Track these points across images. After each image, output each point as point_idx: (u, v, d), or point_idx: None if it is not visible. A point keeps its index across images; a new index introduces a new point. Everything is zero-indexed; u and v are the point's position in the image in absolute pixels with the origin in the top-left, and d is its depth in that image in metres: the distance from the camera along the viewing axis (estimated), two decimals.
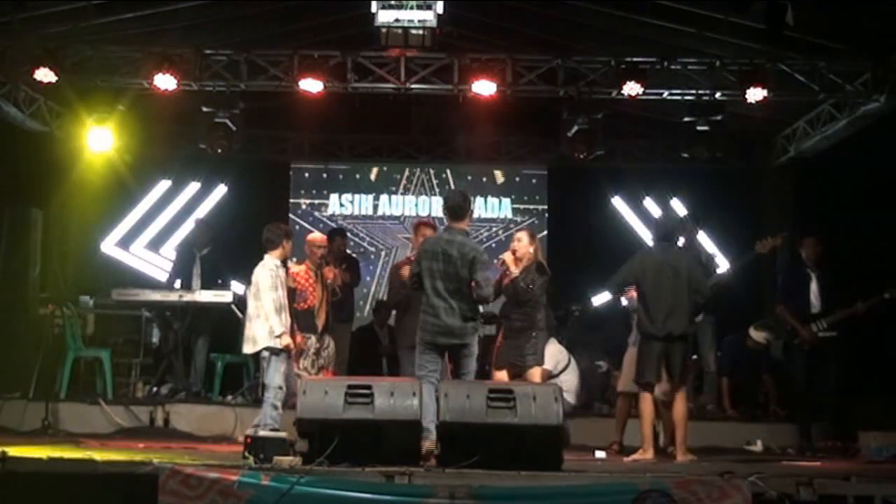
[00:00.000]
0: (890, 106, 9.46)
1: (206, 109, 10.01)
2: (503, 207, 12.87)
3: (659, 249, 7.65)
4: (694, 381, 8.83)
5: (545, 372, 8.61)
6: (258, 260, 7.41)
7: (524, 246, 7.44)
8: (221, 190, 12.51)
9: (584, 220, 12.40)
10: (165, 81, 9.42)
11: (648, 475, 5.51)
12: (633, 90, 9.47)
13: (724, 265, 9.96)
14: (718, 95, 9.77)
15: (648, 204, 12.43)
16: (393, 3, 9.25)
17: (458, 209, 6.95)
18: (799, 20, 8.37)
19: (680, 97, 9.91)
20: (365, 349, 10.49)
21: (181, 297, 9.46)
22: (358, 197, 12.89)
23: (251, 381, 9.34)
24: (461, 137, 12.63)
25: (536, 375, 7.33)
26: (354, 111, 11.61)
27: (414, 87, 9.86)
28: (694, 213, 10.59)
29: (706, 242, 10.96)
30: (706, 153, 10.11)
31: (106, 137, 10.38)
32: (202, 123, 10.14)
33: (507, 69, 9.66)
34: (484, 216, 12.81)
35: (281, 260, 7.43)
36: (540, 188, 12.88)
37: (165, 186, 12.48)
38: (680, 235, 7.94)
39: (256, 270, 7.34)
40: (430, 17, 9.29)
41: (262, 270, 7.31)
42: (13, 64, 9.61)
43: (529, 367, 7.32)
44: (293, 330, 7.51)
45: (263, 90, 10.15)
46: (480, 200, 12.82)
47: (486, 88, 9.53)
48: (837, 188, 10.14)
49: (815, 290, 8.59)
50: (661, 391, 7.51)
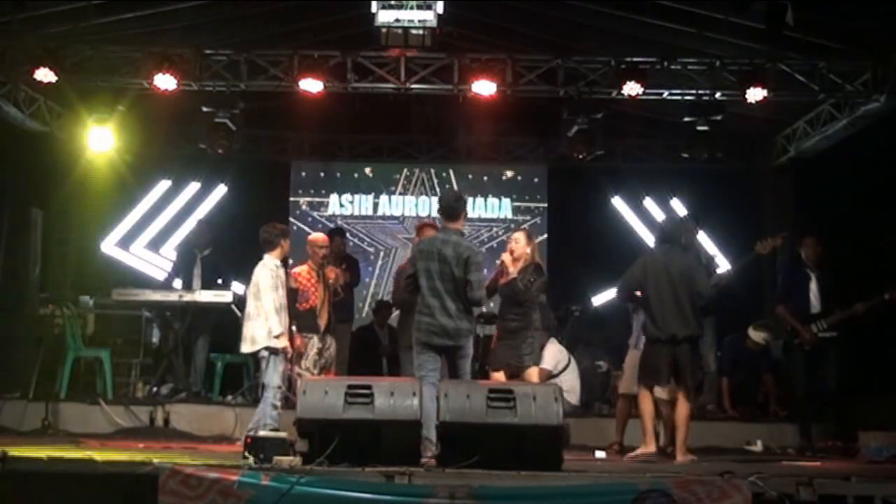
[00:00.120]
0: (890, 106, 9.46)
1: (206, 109, 10.01)
2: (503, 207, 12.87)
3: (661, 252, 7.64)
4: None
5: (545, 372, 8.64)
6: (258, 260, 7.41)
7: (522, 246, 7.45)
8: (221, 190, 12.51)
9: (584, 220, 12.39)
10: (165, 81, 9.42)
11: (648, 475, 5.51)
12: (633, 90, 9.47)
13: (724, 265, 9.96)
14: (718, 95, 9.77)
15: (648, 204, 12.43)
16: (393, 3, 9.25)
17: (451, 209, 6.98)
18: (799, 20, 8.37)
19: (680, 97, 9.90)
20: (365, 349, 10.49)
21: (181, 297, 9.46)
22: (358, 197, 12.88)
23: (251, 381, 9.34)
24: (461, 137, 12.63)
25: (534, 375, 7.33)
26: (354, 111, 11.61)
27: (414, 87, 9.86)
28: (694, 213, 10.57)
29: (706, 243, 10.96)
30: (706, 153, 10.11)
31: (106, 137, 10.38)
32: (202, 123, 10.15)
33: (507, 69, 9.66)
34: (484, 216, 12.81)
35: (280, 259, 7.43)
36: (540, 188, 12.87)
37: (165, 186, 12.48)
38: (682, 237, 7.92)
39: (257, 270, 7.34)
40: (430, 17, 9.29)
41: (262, 270, 7.31)
42: (13, 64, 9.61)
43: (527, 367, 7.33)
44: (291, 332, 7.51)
45: (263, 90, 10.15)
46: (481, 200, 12.82)
47: (486, 88, 9.53)
48: (837, 188, 10.13)
49: (814, 290, 8.58)
50: (662, 391, 7.51)
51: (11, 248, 9.60)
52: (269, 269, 7.31)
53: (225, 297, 9.35)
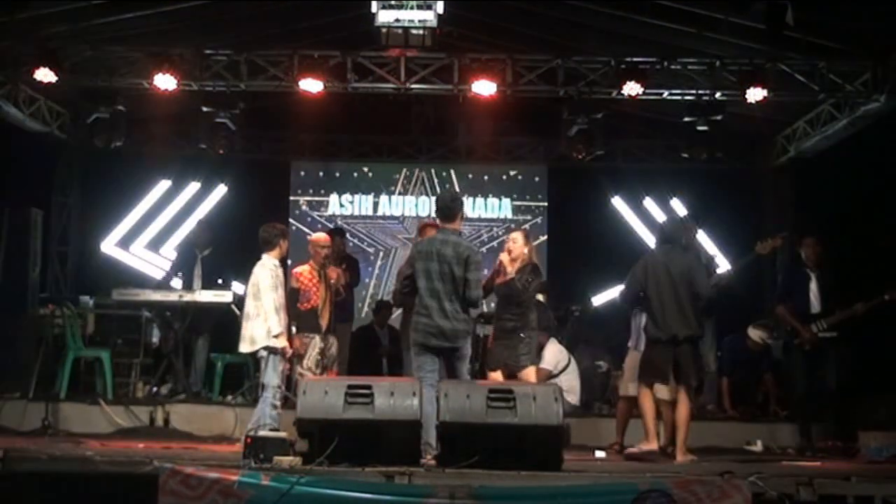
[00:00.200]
0: (890, 106, 9.46)
1: (206, 109, 10.02)
2: (503, 207, 12.87)
3: (661, 252, 7.64)
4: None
5: (545, 372, 8.64)
6: (258, 260, 7.42)
7: (519, 247, 7.44)
8: (221, 190, 12.50)
9: (584, 220, 12.39)
10: (165, 81, 9.42)
11: (648, 475, 5.51)
12: (633, 90, 9.47)
13: (724, 265, 9.96)
14: (718, 95, 9.78)
15: (648, 204, 12.42)
16: (393, 3, 9.25)
17: (447, 210, 6.98)
18: (799, 20, 8.36)
19: (680, 97, 9.91)
20: (365, 349, 10.49)
21: (181, 297, 9.45)
22: (358, 197, 12.88)
23: (251, 381, 9.33)
24: (461, 137, 12.63)
25: (531, 375, 7.31)
26: (354, 111, 11.61)
27: (414, 87, 9.87)
28: (694, 213, 10.58)
29: (706, 243, 10.96)
30: (706, 153, 10.12)
31: (106, 137, 10.36)
32: (202, 123, 10.15)
33: (507, 69, 9.66)
34: (484, 216, 12.81)
35: (278, 259, 7.43)
36: (540, 188, 12.87)
37: (165, 186, 12.47)
38: (682, 238, 7.92)
39: (256, 270, 7.34)
40: (430, 17, 9.29)
41: (261, 270, 7.31)
42: (13, 64, 9.61)
43: (524, 366, 7.31)
44: (290, 332, 7.51)
45: (263, 90, 10.16)
46: (481, 201, 12.82)
47: (486, 88, 9.53)
48: (837, 188, 10.13)
49: (814, 290, 8.57)
50: (663, 392, 7.51)
51: (11, 248, 9.59)
52: (268, 269, 7.31)
53: (225, 297, 9.33)
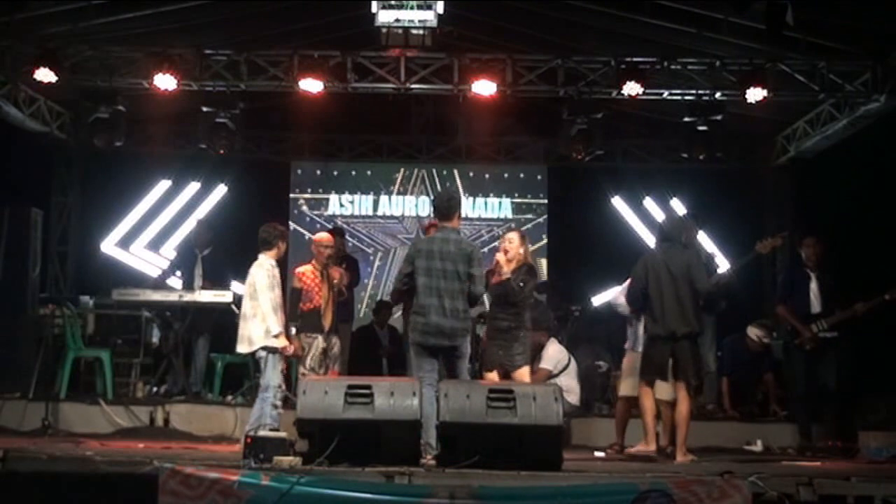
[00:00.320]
0: (890, 106, 9.46)
1: (206, 109, 10.02)
2: (503, 207, 12.86)
3: (660, 250, 7.67)
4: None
5: (545, 372, 8.64)
6: (255, 260, 7.42)
7: (515, 247, 7.43)
8: (221, 190, 12.50)
9: (584, 220, 12.39)
10: (165, 81, 9.42)
11: (648, 475, 5.51)
12: (633, 90, 9.47)
13: (724, 265, 9.95)
14: (718, 95, 9.78)
15: (648, 204, 12.42)
16: (393, 3, 9.26)
17: (445, 208, 7.02)
18: (799, 20, 8.37)
19: (680, 97, 9.91)
20: (365, 349, 10.48)
21: (181, 297, 9.45)
22: (358, 197, 12.88)
23: (251, 381, 9.33)
24: (461, 137, 12.63)
25: (525, 375, 7.30)
26: (354, 111, 11.60)
27: (414, 87, 9.87)
28: (694, 212, 10.57)
29: (706, 242, 10.96)
30: (706, 153, 10.11)
31: (106, 137, 10.36)
32: (202, 123, 10.15)
33: (507, 69, 9.66)
34: (484, 216, 12.81)
35: (275, 260, 7.43)
36: (540, 188, 12.87)
37: (165, 186, 12.47)
38: (682, 236, 7.93)
39: (252, 270, 7.35)
40: (430, 17, 9.30)
41: (258, 270, 7.31)
42: (13, 64, 9.61)
43: (519, 366, 7.30)
44: (288, 331, 7.51)
45: (263, 90, 10.15)
46: (481, 200, 12.82)
47: (486, 88, 9.53)
48: (837, 188, 10.13)
49: (815, 290, 8.56)
50: (663, 392, 7.51)
51: (11, 248, 9.58)
52: (265, 269, 7.31)
53: (225, 297, 9.33)
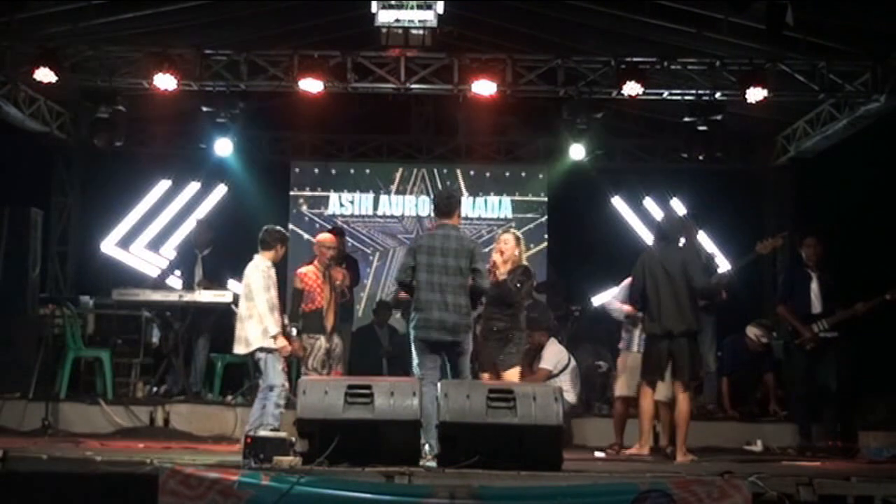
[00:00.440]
0: (890, 106, 9.45)
1: (206, 109, 10.01)
2: (503, 207, 12.85)
3: (657, 249, 7.68)
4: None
5: (545, 372, 8.64)
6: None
7: (510, 248, 7.42)
8: (221, 190, 12.50)
9: (584, 220, 12.38)
10: (165, 81, 9.41)
11: (648, 475, 5.51)
12: (633, 90, 9.46)
13: (724, 265, 9.95)
14: (718, 95, 9.77)
15: (648, 204, 12.42)
16: (393, 3, 9.25)
17: (444, 206, 7.08)
18: (799, 20, 8.37)
19: (680, 97, 9.90)
20: (365, 349, 10.49)
21: (181, 297, 9.45)
22: (358, 197, 12.86)
23: (251, 381, 9.33)
24: (461, 137, 12.64)
25: (515, 375, 7.29)
26: (354, 111, 11.60)
27: (414, 87, 9.87)
28: (694, 213, 10.58)
29: (706, 242, 10.95)
30: (706, 153, 10.10)
31: (106, 137, 10.36)
32: (202, 123, 10.19)
33: (507, 69, 9.65)
34: (484, 216, 12.80)
35: (272, 262, 7.43)
36: (540, 188, 12.86)
37: (165, 186, 12.47)
38: (680, 235, 7.93)
39: (247, 271, 7.36)
40: (430, 17, 9.29)
41: (254, 272, 7.32)
42: (13, 64, 9.60)
43: (510, 366, 7.28)
44: (285, 331, 7.50)
45: (263, 90, 10.15)
46: (481, 200, 12.80)
47: (486, 88, 9.52)
48: (837, 188, 10.14)
49: (815, 290, 8.55)
50: (662, 393, 7.51)
51: (11, 248, 9.58)
52: (260, 270, 7.32)
53: (225, 297, 9.33)
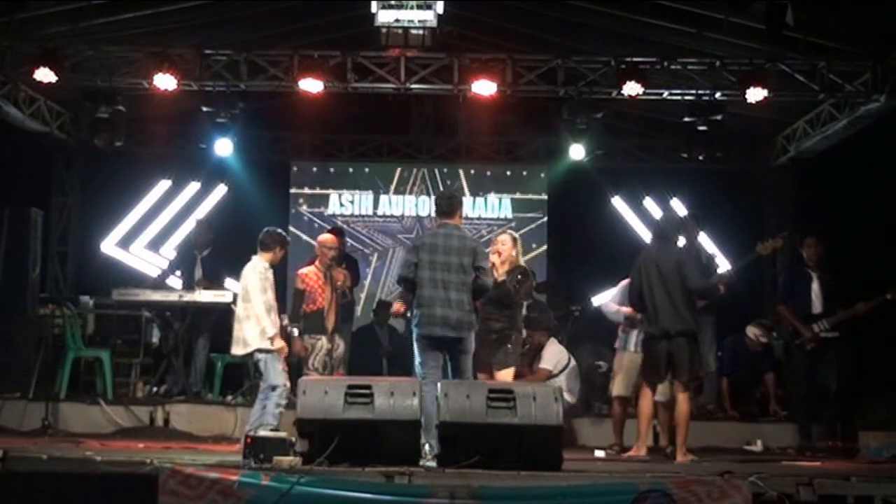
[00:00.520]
0: (890, 106, 9.45)
1: (206, 109, 10.02)
2: (503, 207, 12.84)
3: (654, 248, 7.68)
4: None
5: (545, 372, 8.65)
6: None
7: (508, 249, 7.42)
8: (221, 190, 12.50)
9: (584, 220, 12.37)
10: (165, 81, 9.41)
11: (648, 475, 5.51)
12: (633, 90, 9.46)
13: (724, 265, 9.95)
14: (718, 95, 9.77)
15: (648, 204, 12.41)
16: (393, 3, 9.25)
17: (446, 206, 7.10)
18: (799, 20, 8.37)
19: (680, 97, 9.90)
20: (365, 349, 10.49)
21: (181, 297, 9.46)
22: (358, 197, 12.86)
23: (251, 381, 9.33)
24: (461, 137, 12.64)
25: (508, 376, 7.28)
26: (354, 111, 11.60)
27: (414, 87, 9.87)
28: (694, 213, 10.59)
29: (706, 242, 10.95)
30: (706, 153, 10.11)
31: (106, 137, 10.36)
32: (202, 123, 10.19)
33: (507, 69, 9.65)
34: (484, 216, 12.80)
35: (269, 264, 7.43)
36: (540, 188, 12.86)
37: (165, 186, 12.47)
38: (677, 234, 7.93)
39: (245, 272, 7.36)
40: (430, 17, 9.29)
41: (251, 273, 7.32)
42: (13, 64, 9.60)
43: (504, 367, 7.29)
44: (287, 331, 7.50)
45: (263, 90, 10.15)
46: (480, 200, 12.80)
47: (486, 88, 9.52)
48: (837, 188, 10.14)
49: (816, 290, 8.55)
50: (661, 393, 7.51)
51: (11, 248, 9.59)
52: (257, 271, 7.32)
53: (225, 297, 9.33)
